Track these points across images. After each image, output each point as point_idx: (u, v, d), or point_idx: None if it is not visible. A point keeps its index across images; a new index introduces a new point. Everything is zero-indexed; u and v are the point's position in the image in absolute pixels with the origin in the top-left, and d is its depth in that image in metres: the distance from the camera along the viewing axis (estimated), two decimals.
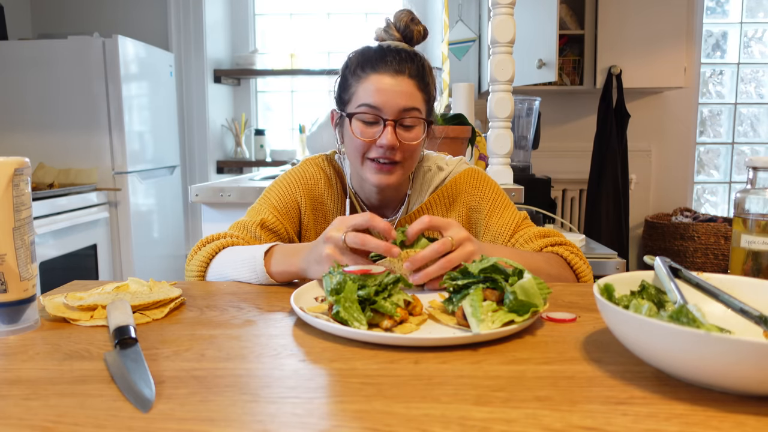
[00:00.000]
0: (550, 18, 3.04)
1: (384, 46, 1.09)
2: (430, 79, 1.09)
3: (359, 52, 1.09)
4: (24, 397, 0.51)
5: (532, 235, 1.10)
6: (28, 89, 2.97)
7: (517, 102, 2.60)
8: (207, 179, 3.88)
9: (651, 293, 0.66)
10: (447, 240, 0.82)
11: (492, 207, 1.14)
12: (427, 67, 1.09)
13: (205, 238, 1.07)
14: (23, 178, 0.68)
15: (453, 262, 0.81)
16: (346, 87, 1.08)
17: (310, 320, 0.68)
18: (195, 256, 1.04)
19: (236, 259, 0.97)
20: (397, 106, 1.02)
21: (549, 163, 3.79)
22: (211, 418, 0.47)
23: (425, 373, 0.56)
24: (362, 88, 1.04)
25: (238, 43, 4.14)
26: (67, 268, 2.75)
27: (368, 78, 1.04)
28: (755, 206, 0.80)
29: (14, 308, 0.68)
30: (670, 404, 0.49)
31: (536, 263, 0.98)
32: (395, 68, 1.04)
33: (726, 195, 4.11)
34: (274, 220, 1.10)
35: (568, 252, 1.06)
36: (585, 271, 1.05)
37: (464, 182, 1.16)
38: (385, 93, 1.02)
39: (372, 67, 1.05)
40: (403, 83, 1.03)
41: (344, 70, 1.10)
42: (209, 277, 1.01)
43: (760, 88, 4.06)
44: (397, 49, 1.07)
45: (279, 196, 1.14)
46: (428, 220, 0.84)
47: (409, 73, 1.04)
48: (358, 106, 1.04)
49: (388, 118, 1.03)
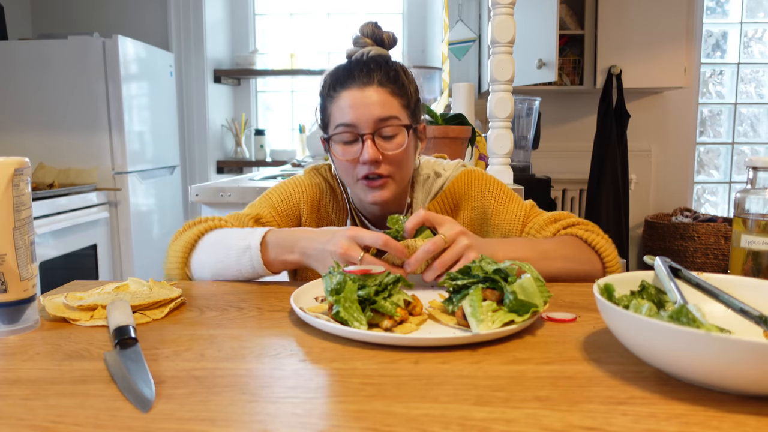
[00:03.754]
0: (550, 18, 3.04)
1: (352, 60, 1.05)
2: (406, 82, 1.05)
3: (330, 72, 1.06)
4: (24, 397, 0.51)
5: (543, 222, 1.06)
6: (28, 89, 2.97)
7: (517, 102, 2.60)
8: (207, 179, 3.88)
9: (651, 293, 0.66)
10: (439, 239, 0.82)
11: (496, 203, 1.11)
12: (400, 70, 1.04)
13: (192, 221, 1.04)
14: (23, 178, 0.68)
15: (446, 263, 0.81)
16: (324, 111, 1.06)
17: (310, 320, 0.68)
18: (180, 238, 1.00)
19: (228, 245, 0.94)
20: (371, 117, 0.99)
21: (549, 163, 3.79)
22: (211, 418, 0.47)
23: (425, 373, 0.56)
24: (335, 108, 1.02)
25: (238, 43, 4.14)
26: (67, 268, 2.75)
27: (339, 96, 1.01)
28: (755, 206, 0.80)
29: (14, 308, 0.68)
30: (670, 404, 0.49)
31: (552, 249, 0.95)
32: (363, 80, 1.00)
33: (726, 195, 4.11)
34: (270, 219, 1.09)
35: (583, 231, 1.01)
36: (605, 247, 0.99)
37: (463, 185, 1.14)
38: (356, 107, 0.99)
39: (341, 85, 1.02)
40: (373, 93, 1.00)
41: (320, 93, 1.07)
42: (194, 261, 0.97)
43: (760, 88, 4.06)
44: (364, 61, 1.03)
45: (281, 198, 1.12)
46: (424, 214, 0.85)
47: (379, 81, 1.00)
48: (335, 128, 1.02)
49: (364, 132, 0.99)
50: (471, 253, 0.82)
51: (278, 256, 0.91)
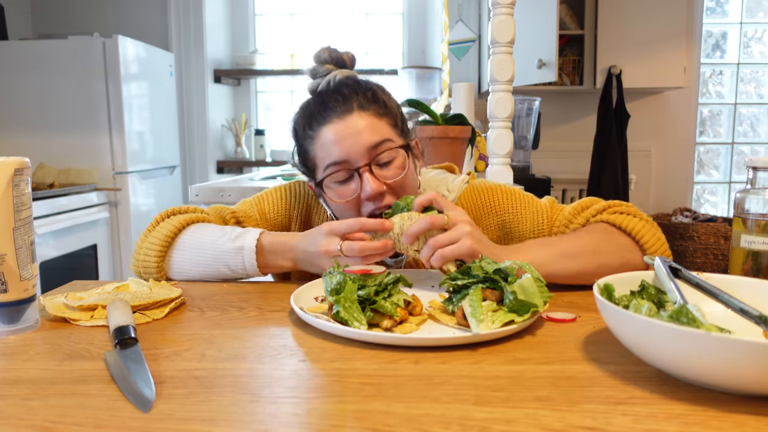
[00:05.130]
0: (550, 18, 3.04)
1: (322, 92, 0.95)
2: (386, 99, 0.95)
3: (300, 112, 0.97)
4: (24, 397, 0.51)
5: (569, 216, 0.96)
6: (28, 89, 2.97)
7: (517, 102, 2.60)
8: (207, 179, 3.88)
9: (651, 293, 0.66)
10: (442, 216, 0.80)
11: (513, 213, 1.00)
12: (376, 88, 0.95)
13: (165, 211, 0.97)
14: (23, 178, 0.68)
15: (439, 242, 0.78)
16: (305, 155, 0.96)
17: (310, 320, 0.68)
18: (152, 233, 0.93)
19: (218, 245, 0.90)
20: (363, 146, 0.88)
21: (549, 163, 3.79)
22: (211, 418, 0.47)
23: (425, 373, 0.56)
24: (318, 148, 0.91)
25: (238, 43, 4.14)
26: (67, 268, 2.75)
27: (319, 134, 0.91)
28: (755, 206, 0.80)
29: (14, 308, 0.69)
30: (670, 404, 0.49)
31: (574, 245, 0.86)
32: (341, 109, 0.90)
33: (726, 195, 4.11)
34: (254, 224, 1.03)
35: (615, 215, 0.90)
36: (639, 229, 0.87)
37: (471, 204, 1.03)
38: (342, 141, 0.88)
39: (318, 121, 0.91)
40: (357, 120, 0.89)
41: (295, 137, 0.98)
42: (176, 257, 0.92)
43: (759, 88, 4.06)
44: (334, 87, 0.94)
45: (272, 205, 1.06)
46: (434, 194, 0.83)
47: (359, 105, 0.90)
48: (325, 169, 0.91)
49: (359, 165, 0.88)
50: (467, 241, 0.78)
51: (273, 261, 0.90)
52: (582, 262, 0.85)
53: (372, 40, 4.12)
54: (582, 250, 0.85)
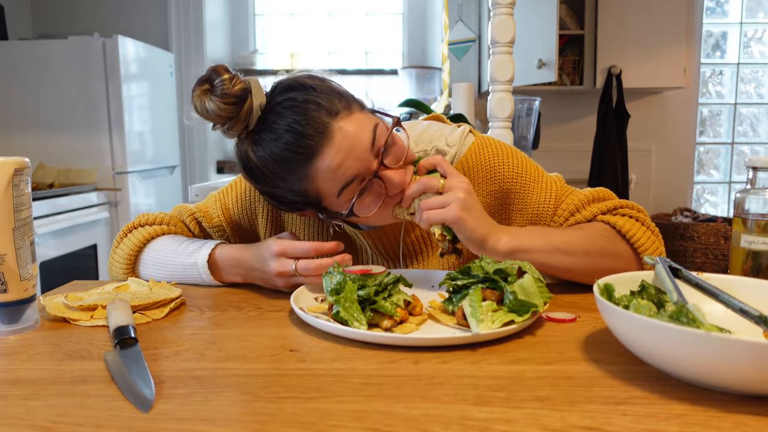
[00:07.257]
0: (550, 18, 3.04)
1: (278, 130, 0.78)
2: (335, 90, 0.82)
3: (269, 166, 0.80)
4: (24, 397, 0.51)
5: (579, 203, 0.91)
6: (28, 89, 2.97)
7: (517, 102, 2.60)
8: (207, 179, 3.88)
9: (651, 293, 0.66)
10: (437, 178, 0.80)
11: (521, 185, 0.93)
12: (318, 87, 0.81)
13: (131, 223, 0.98)
14: (23, 178, 0.68)
15: (427, 205, 0.78)
16: (306, 198, 0.82)
17: (310, 320, 0.68)
18: (120, 246, 0.96)
19: (174, 262, 0.91)
20: (364, 149, 0.78)
21: (549, 163, 3.75)
22: (211, 418, 0.47)
23: (425, 373, 0.56)
24: (321, 181, 0.79)
25: (238, 43, 4.14)
26: (67, 268, 2.75)
27: (314, 167, 0.78)
28: (755, 206, 0.80)
29: (14, 308, 0.69)
30: (670, 404, 0.49)
31: (569, 242, 0.82)
32: (314, 128, 0.76)
33: (726, 195, 4.11)
34: (216, 222, 1.00)
35: (622, 219, 0.87)
36: (641, 238, 0.85)
37: (477, 162, 0.94)
38: (342, 159, 0.77)
39: (304, 159, 0.78)
40: (339, 128, 0.77)
41: (279, 197, 0.85)
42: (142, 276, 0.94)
43: (759, 88, 4.06)
44: (289, 116, 0.78)
45: (237, 199, 1.00)
46: (439, 159, 0.84)
47: (330, 112, 0.78)
48: (339, 196, 0.80)
49: (373, 167, 0.79)
50: (454, 207, 0.75)
51: (227, 276, 0.91)
52: (572, 261, 0.82)
53: (372, 40, 4.12)
54: (576, 250, 0.82)
